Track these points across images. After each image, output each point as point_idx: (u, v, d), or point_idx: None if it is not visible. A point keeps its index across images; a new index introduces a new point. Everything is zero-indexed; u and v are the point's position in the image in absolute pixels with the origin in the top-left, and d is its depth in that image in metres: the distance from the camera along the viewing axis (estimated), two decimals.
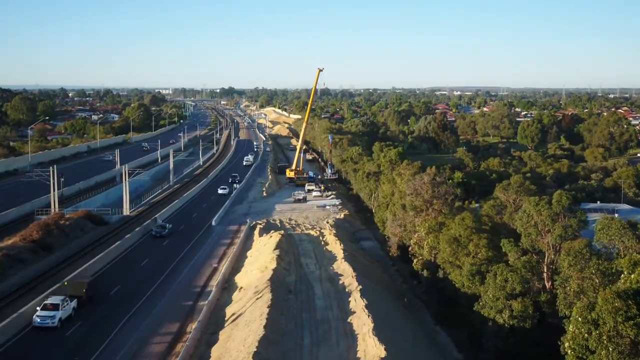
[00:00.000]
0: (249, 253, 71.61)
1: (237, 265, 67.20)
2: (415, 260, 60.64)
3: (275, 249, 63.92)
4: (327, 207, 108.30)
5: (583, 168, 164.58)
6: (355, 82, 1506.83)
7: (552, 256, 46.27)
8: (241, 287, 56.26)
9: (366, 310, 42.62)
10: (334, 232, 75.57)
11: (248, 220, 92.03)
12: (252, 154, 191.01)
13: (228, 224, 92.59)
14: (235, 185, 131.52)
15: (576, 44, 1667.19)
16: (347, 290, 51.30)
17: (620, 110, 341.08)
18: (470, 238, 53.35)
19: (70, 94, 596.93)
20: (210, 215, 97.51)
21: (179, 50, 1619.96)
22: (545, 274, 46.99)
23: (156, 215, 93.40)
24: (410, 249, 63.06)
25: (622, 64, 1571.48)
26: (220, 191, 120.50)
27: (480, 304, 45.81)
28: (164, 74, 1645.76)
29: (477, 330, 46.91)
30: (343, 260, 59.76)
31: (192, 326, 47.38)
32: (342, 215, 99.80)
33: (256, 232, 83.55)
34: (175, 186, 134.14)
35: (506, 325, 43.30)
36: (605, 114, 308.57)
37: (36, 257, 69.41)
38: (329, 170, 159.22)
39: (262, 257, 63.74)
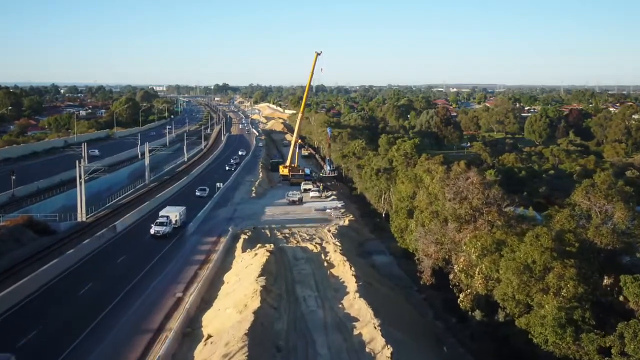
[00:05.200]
0: (226, 276, 53.46)
1: (209, 296, 49.11)
2: (461, 295, 42.23)
3: (260, 275, 45.70)
4: (328, 210, 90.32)
5: (612, 164, 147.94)
6: (350, 80, 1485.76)
7: None
8: (209, 336, 38.26)
9: None
10: (340, 247, 57.17)
11: (230, 229, 73.87)
12: (206, 187, 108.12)
13: (206, 233, 74.46)
14: None
15: (572, 41, 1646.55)
16: (367, 349, 33.30)
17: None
18: (550, 266, 35.51)
19: (62, 91, 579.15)
20: (185, 220, 79.42)
21: (173, 47, 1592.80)
22: None
23: (116, 222, 75.08)
24: (452, 277, 44.77)
25: (618, 61, 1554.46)
26: None
27: None
28: (158, 72, 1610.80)
29: None
30: (357, 295, 41.52)
31: None
32: (346, 222, 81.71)
33: (239, 244, 65.44)
34: (151, 185, 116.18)
35: None
36: (612, 109, 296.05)
37: None
38: (328, 167, 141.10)
39: (242, 286, 45.59)
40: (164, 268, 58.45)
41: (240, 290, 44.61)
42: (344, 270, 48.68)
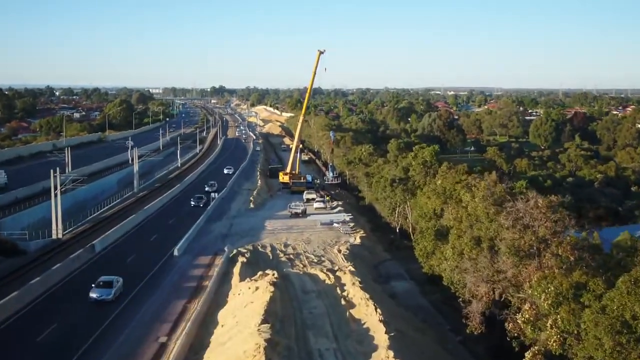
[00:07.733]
0: (221, 315, 43.83)
1: (199, 341, 39.52)
2: (528, 355, 32.57)
3: (262, 322, 36.17)
4: (335, 224, 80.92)
5: (634, 171, 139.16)
6: (347, 82, 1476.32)
7: None
8: None
9: None
10: (359, 279, 47.20)
11: (226, 249, 64.29)
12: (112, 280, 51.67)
13: (198, 254, 64.80)
14: None
15: (569, 44, 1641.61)
16: None
17: (627, 109, 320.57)
18: None
19: (57, 92, 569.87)
20: (175, 237, 69.67)
21: (170, 49, 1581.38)
22: None
23: (95, 241, 65.44)
24: (510, 326, 35.00)
25: (616, 64, 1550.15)
26: None
27: None
28: (155, 74, 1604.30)
29: None
30: (390, 353, 31.98)
31: None
32: (357, 239, 72.24)
33: (236, 270, 55.85)
34: (140, 194, 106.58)
35: None
36: (615, 112, 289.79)
37: None
38: (330, 174, 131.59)
39: (240, 335, 36.03)
40: (146, 301, 48.85)
41: (238, 340, 35.07)
42: (367, 312, 39.13)
